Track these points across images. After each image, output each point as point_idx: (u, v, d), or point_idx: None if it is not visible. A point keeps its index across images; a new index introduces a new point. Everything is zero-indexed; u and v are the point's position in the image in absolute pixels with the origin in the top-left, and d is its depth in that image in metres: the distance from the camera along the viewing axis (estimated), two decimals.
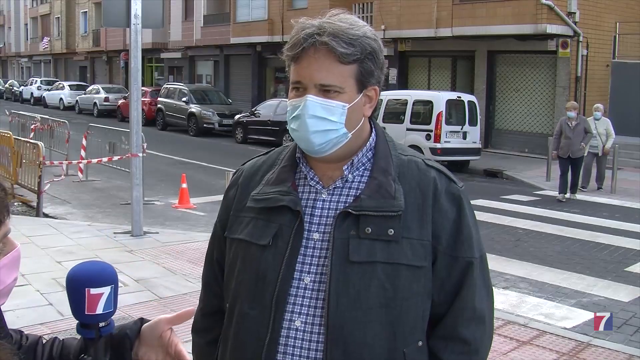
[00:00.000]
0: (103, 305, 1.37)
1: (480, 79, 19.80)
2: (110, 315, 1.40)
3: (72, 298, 1.39)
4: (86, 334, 1.40)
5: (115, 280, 1.43)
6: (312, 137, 1.48)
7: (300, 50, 1.47)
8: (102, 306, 1.37)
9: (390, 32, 20.75)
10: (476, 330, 1.53)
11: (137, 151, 8.08)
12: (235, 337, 1.54)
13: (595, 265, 7.57)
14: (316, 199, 1.54)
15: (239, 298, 1.55)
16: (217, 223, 1.69)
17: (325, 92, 1.47)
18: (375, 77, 1.54)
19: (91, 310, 1.37)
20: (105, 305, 1.38)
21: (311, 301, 1.47)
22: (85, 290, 1.37)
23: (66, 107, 34.58)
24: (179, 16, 33.61)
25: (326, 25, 1.46)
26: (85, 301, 1.36)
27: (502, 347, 4.86)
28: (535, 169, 15.70)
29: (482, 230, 8.14)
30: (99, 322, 1.39)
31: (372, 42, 1.50)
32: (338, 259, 1.45)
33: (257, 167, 1.65)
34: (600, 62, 18.65)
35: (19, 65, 62.33)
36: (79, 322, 1.40)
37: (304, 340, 1.46)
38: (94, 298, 1.37)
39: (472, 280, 1.52)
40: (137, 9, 7.70)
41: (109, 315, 1.40)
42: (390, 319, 1.45)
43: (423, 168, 1.56)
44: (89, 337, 1.41)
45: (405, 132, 15.23)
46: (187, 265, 6.60)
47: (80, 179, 12.56)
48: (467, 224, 1.54)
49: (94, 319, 1.38)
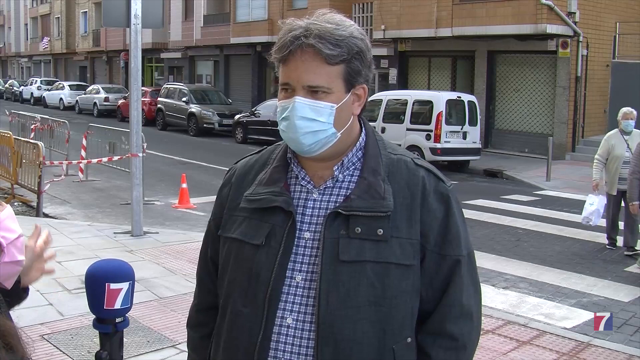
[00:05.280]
0: (121, 300, 1.41)
1: (480, 79, 19.80)
2: (127, 311, 1.44)
3: (91, 293, 1.42)
4: (103, 329, 1.44)
5: (133, 277, 1.46)
6: (301, 138, 1.50)
7: (287, 52, 1.49)
8: (121, 301, 1.41)
9: (390, 32, 20.76)
10: (464, 326, 1.55)
11: (137, 151, 8.08)
12: (228, 334, 1.57)
13: (595, 265, 7.57)
14: (307, 198, 1.56)
15: (232, 296, 1.57)
16: (211, 221, 1.72)
17: (313, 93, 1.49)
18: (363, 76, 1.55)
19: (110, 304, 1.40)
20: (123, 301, 1.41)
21: (302, 299, 1.50)
22: (106, 285, 1.40)
23: (66, 107, 34.59)
24: (179, 16, 33.61)
25: (312, 26, 1.48)
26: (105, 296, 1.39)
27: (502, 347, 4.86)
28: (535, 169, 15.70)
29: (482, 230, 8.14)
30: (115, 318, 1.42)
31: (358, 42, 1.51)
32: (328, 258, 1.48)
33: (249, 166, 1.68)
34: (600, 62, 18.65)
35: (19, 65, 62.34)
36: (96, 317, 1.43)
37: (296, 338, 1.49)
38: (113, 293, 1.40)
39: (459, 277, 1.55)
40: (137, 9, 7.71)
41: (125, 310, 1.43)
42: (380, 316, 1.48)
43: (412, 167, 1.58)
44: (105, 332, 1.43)
45: (405, 132, 15.24)
46: (187, 265, 6.61)
47: (81, 179, 12.57)
48: (455, 222, 1.56)
49: (112, 314, 1.42)
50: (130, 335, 4.71)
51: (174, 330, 4.84)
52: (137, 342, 4.66)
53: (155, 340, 4.72)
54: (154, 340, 4.72)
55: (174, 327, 4.91)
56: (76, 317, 5.01)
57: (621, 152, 7.88)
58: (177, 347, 4.57)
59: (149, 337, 4.77)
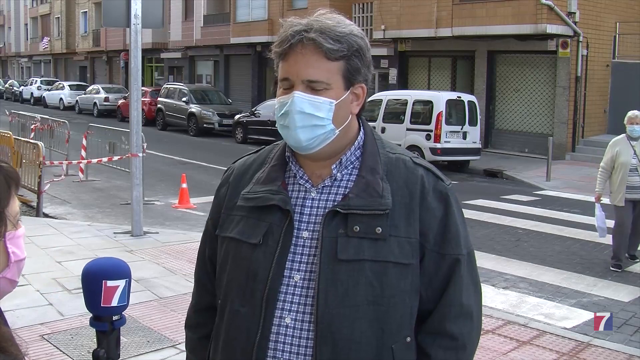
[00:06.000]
0: (118, 298, 1.41)
1: (480, 79, 19.80)
2: (124, 308, 1.44)
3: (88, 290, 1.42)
4: (100, 327, 1.44)
5: (130, 274, 1.46)
6: (299, 133, 1.50)
7: (287, 46, 1.49)
8: (117, 299, 1.41)
9: (390, 32, 20.75)
10: (464, 326, 1.55)
11: (137, 151, 8.08)
12: (227, 334, 1.56)
13: (595, 265, 7.57)
14: (305, 197, 1.56)
15: (230, 295, 1.57)
16: (209, 221, 1.72)
17: (312, 89, 1.49)
18: (362, 75, 1.55)
19: (107, 302, 1.41)
20: (119, 299, 1.41)
21: (301, 298, 1.49)
22: (102, 282, 1.40)
23: (66, 107, 34.58)
24: (179, 16, 33.61)
25: (313, 22, 1.49)
26: (102, 293, 1.40)
27: (502, 347, 4.86)
28: (535, 169, 15.70)
29: (482, 230, 8.13)
30: (112, 315, 1.42)
31: (358, 40, 1.52)
32: (327, 257, 1.47)
33: (247, 165, 1.68)
34: (600, 62, 18.65)
35: (19, 65, 62.34)
36: (93, 315, 1.43)
37: (294, 337, 1.48)
38: (110, 290, 1.41)
39: (459, 276, 1.55)
40: (137, 9, 7.71)
41: (122, 308, 1.43)
42: (378, 315, 1.47)
43: (411, 166, 1.58)
44: (102, 330, 1.43)
45: (405, 132, 15.24)
46: (187, 265, 6.60)
47: (81, 179, 12.57)
48: (455, 221, 1.56)
49: (109, 312, 1.42)
50: (130, 335, 4.71)
51: (174, 330, 4.84)
52: (137, 342, 4.66)
53: (155, 340, 4.72)
54: (154, 340, 4.72)
55: (174, 327, 4.90)
56: (76, 317, 5.01)
57: (627, 159, 7.29)
58: (177, 347, 4.57)
59: (149, 337, 4.77)
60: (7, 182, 1.27)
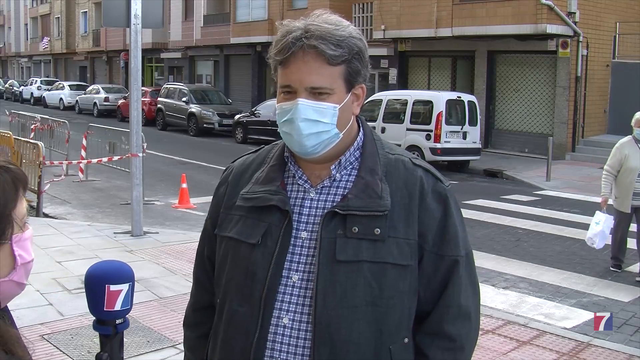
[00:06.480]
0: (121, 301, 1.41)
1: (480, 79, 19.79)
2: (127, 312, 1.44)
3: (91, 294, 1.42)
4: (103, 331, 1.44)
5: (133, 278, 1.46)
6: (305, 140, 1.49)
7: (289, 54, 1.47)
8: (121, 303, 1.41)
9: (390, 32, 20.75)
10: (462, 327, 1.55)
11: (137, 151, 8.08)
12: (225, 333, 1.56)
13: (595, 265, 7.57)
14: (304, 198, 1.56)
15: (228, 295, 1.57)
16: (208, 220, 1.72)
17: (315, 95, 1.48)
18: (362, 76, 1.55)
19: (110, 306, 1.40)
20: (123, 302, 1.41)
21: (299, 299, 1.49)
22: (106, 286, 1.40)
23: (66, 107, 34.57)
24: (179, 16, 33.61)
25: (312, 27, 1.47)
26: (105, 297, 1.39)
27: (502, 347, 4.86)
28: (535, 169, 15.70)
29: (482, 230, 8.12)
30: (116, 319, 1.42)
31: (358, 42, 1.51)
32: (325, 258, 1.47)
33: (246, 165, 1.68)
34: (600, 62, 18.65)
35: (19, 65, 62.34)
36: (96, 319, 1.43)
37: (292, 337, 1.48)
38: (113, 294, 1.40)
39: (457, 278, 1.55)
40: (137, 9, 7.71)
41: (126, 312, 1.43)
42: (377, 316, 1.47)
43: (410, 167, 1.58)
44: (105, 334, 1.43)
45: (405, 132, 15.24)
46: (187, 265, 6.60)
47: (81, 179, 12.57)
48: (453, 222, 1.56)
49: (112, 315, 1.42)
50: (130, 336, 4.71)
51: (174, 330, 4.84)
52: (137, 342, 4.66)
53: (155, 340, 4.72)
54: (154, 340, 4.72)
55: (174, 327, 4.90)
56: (76, 317, 5.01)
57: (636, 163, 6.88)
58: (177, 347, 4.57)
59: (149, 337, 4.77)
60: (15, 184, 1.27)
